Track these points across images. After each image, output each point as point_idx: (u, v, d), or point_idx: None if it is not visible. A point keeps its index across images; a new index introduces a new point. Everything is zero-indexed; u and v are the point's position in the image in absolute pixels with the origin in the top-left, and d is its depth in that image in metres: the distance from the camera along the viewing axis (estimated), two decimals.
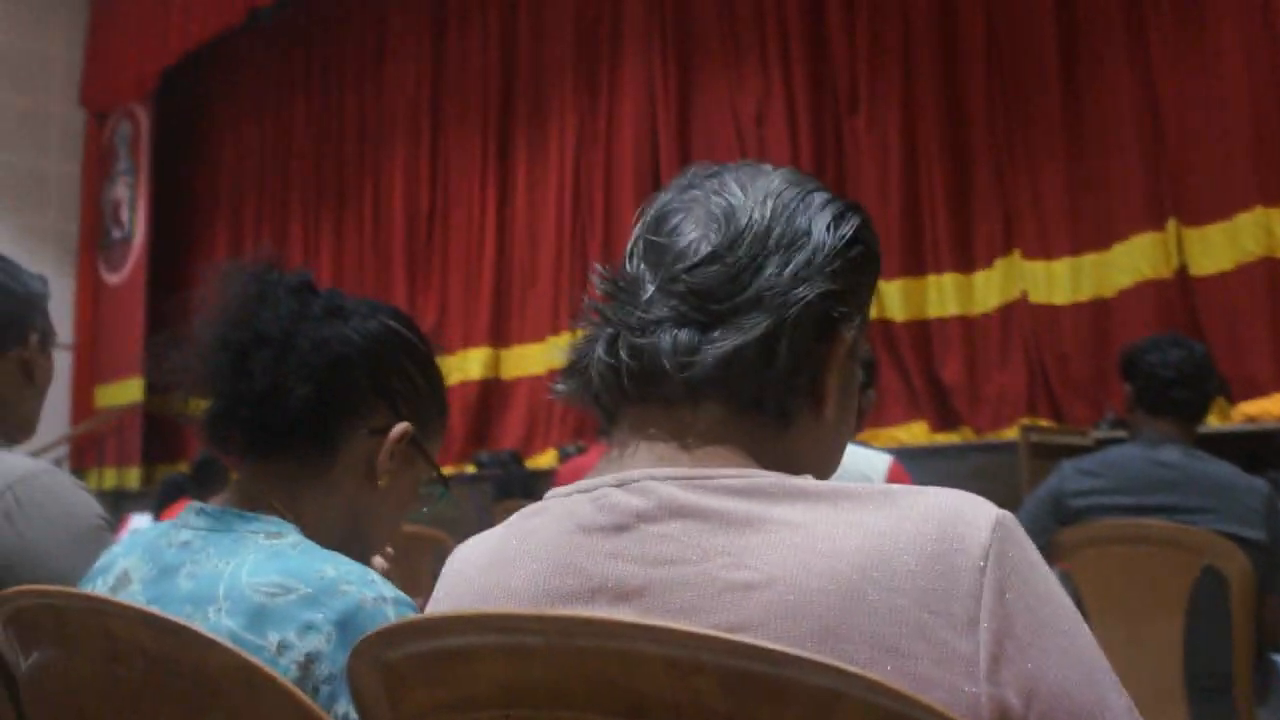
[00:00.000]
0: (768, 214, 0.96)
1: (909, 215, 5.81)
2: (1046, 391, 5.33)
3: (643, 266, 0.97)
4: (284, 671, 1.17)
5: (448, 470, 7.27)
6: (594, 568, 0.87)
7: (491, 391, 7.59)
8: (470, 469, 7.20)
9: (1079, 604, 2.86)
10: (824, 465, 1.02)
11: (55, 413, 9.52)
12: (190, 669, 1.09)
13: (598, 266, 1.01)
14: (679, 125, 6.71)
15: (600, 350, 0.96)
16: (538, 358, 7.31)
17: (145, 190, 9.63)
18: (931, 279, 5.73)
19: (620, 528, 0.88)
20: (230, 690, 1.07)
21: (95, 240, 10.03)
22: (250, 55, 9.52)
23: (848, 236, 0.98)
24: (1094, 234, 5.21)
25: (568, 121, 7.40)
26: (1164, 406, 2.93)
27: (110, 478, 9.41)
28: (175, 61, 8.99)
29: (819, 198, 1.00)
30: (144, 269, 9.49)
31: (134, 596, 1.31)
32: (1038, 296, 5.35)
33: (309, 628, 1.20)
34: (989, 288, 5.58)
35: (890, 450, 3.88)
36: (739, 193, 0.98)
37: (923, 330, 5.76)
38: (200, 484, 5.31)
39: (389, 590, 1.24)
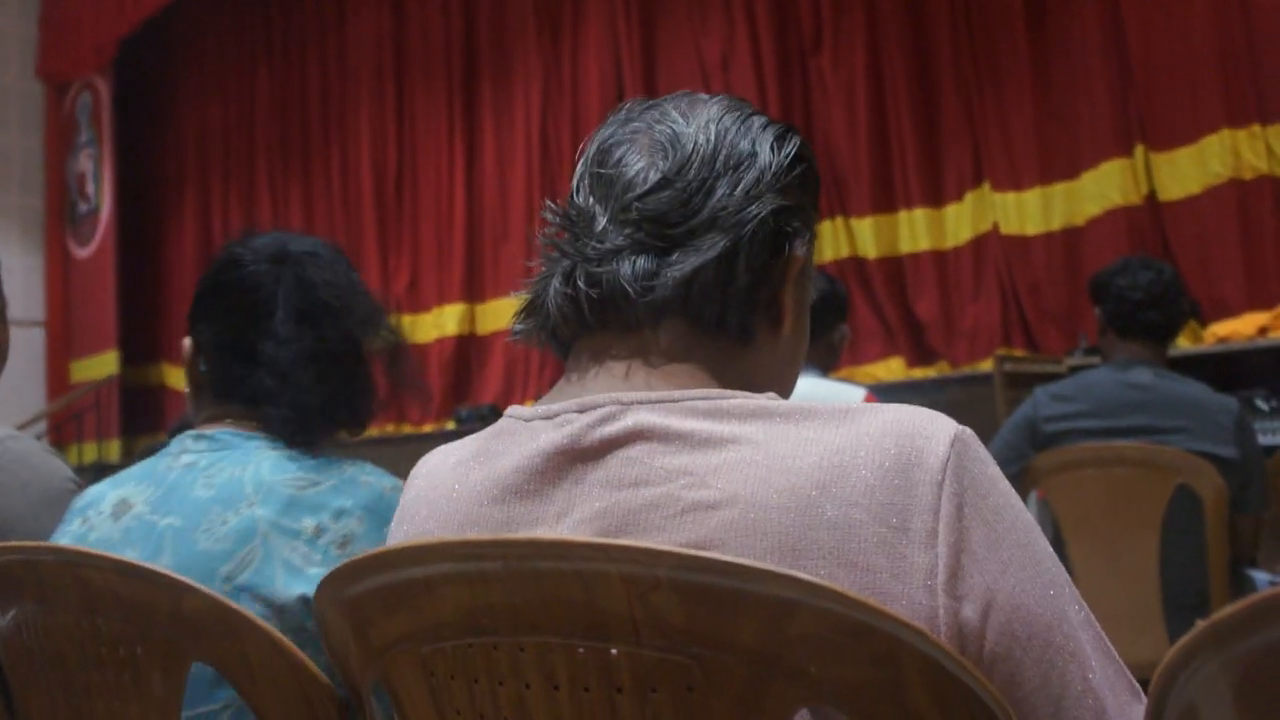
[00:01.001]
0: (712, 137, 0.97)
1: (878, 152, 5.80)
2: (1021, 322, 5.35)
3: (592, 200, 0.98)
4: (322, 553, 1.34)
5: (429, 427, 7.32)
6: (558, 493, 0.87)
7: (468, 347, 7.58)
8: (450, 425, 7.20)
9: (1056, 528, 2.89)
10: (783, 381, 1.02)
11: (32, 389, 9.47)
12: (167, 614, 1.10)
13: (548, 203, 1.01)
14: (644, 73, 6.66)
15: (557, 283, 0.97)
16: (513, 311, 7.28)
17: (110, 161, 9.52)
18: (903, 215, 5.73)
19: (583, 451, 0.87)
20: (208, 632, 1.08)
21: (62, 214, 9.92)
22: (210, 20, 9.39)
23: (791, 154, 1.01)
24: (1063, 163, 5.22)
25: (533, 74, 7.34)
26: (1134, 329, 2.95)
27: (90, 451, 9.37)
28: (133, 30, 8.86)
29: (758, 120, 1.01)
30: (113, 241, 9.40)
31: (139, 517, 1.39)
32: (1009, 228, 5.35)
33: (341, 513, 1.37)
34: (960, 221, 5.58)
35: (869, 386, 3.90)
36: (680, 120, 0.98)
37: (896, 266, 5.77)
38: None
39: (398, 482, 1.39)
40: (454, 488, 0.94)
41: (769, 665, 0.70)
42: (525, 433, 0.92)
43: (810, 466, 0.81)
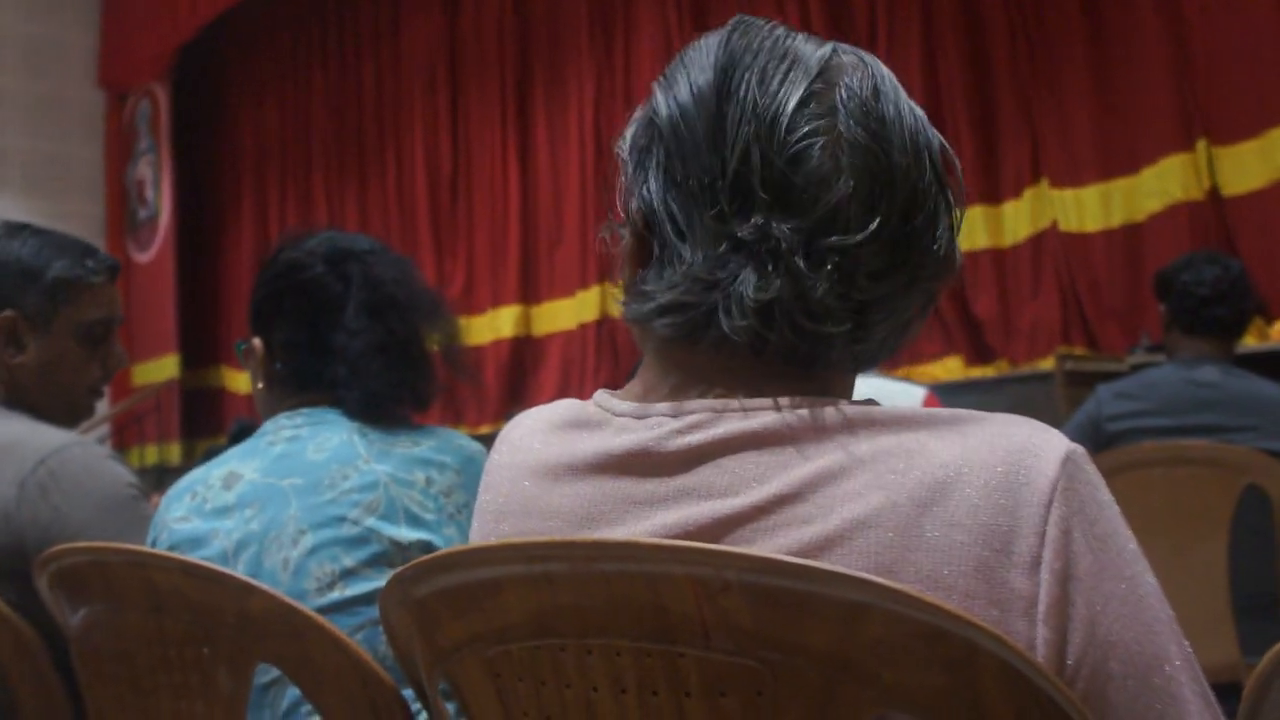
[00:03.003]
0: (911, 150, 0.84)
1: None
2: (1081, 320, 5.28)
3: (772, 219, 0.81)
4: (434, 500, 1.53)
5: (485, 429, 7.35)
6: (640, 494, 0.83)
7: (524, 349, 7.60)
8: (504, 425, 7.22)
9: None
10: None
11: None
12: (233, 615, 1.11)
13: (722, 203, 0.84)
14: None
15: (744, 309, 0.81)
16: (568, 313, 7.30)
17: (168, 168, 9.65)
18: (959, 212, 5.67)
19: (671, 455, 0.83)
20: (273, 633, 1.09)
21: (122, 221, 10.07)
22: (265, 26, 9.50)
23: (940, 150, 0.89)
24: (1122, 159, 5.13)
25: (586, 76, 7.34)
26: (1200, 325, 2.89)
27: (152, 454, 9.50)
28: (190, 37, 8.98)
29: (913, 113, 0.88)
30: (172, 246, 9.53)
31: (253, 483, 1.53)
32: (1068, 225, 5.28)
33: (444, 467, 1.56)
34: (1018, 218, 5.51)
35: (929, 386, 3.87)
36: (882, 113, 0.84)
37: None
38: None
39: (481, 448, 1.58)
40: (537, 467, 0.90)
41: (840, 670, 0.69)
42: (614, 426, 0.87)
43: (913, 483, 0.76)
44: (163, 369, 9.48)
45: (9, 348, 1.79)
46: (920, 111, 0.89)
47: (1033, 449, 0.77)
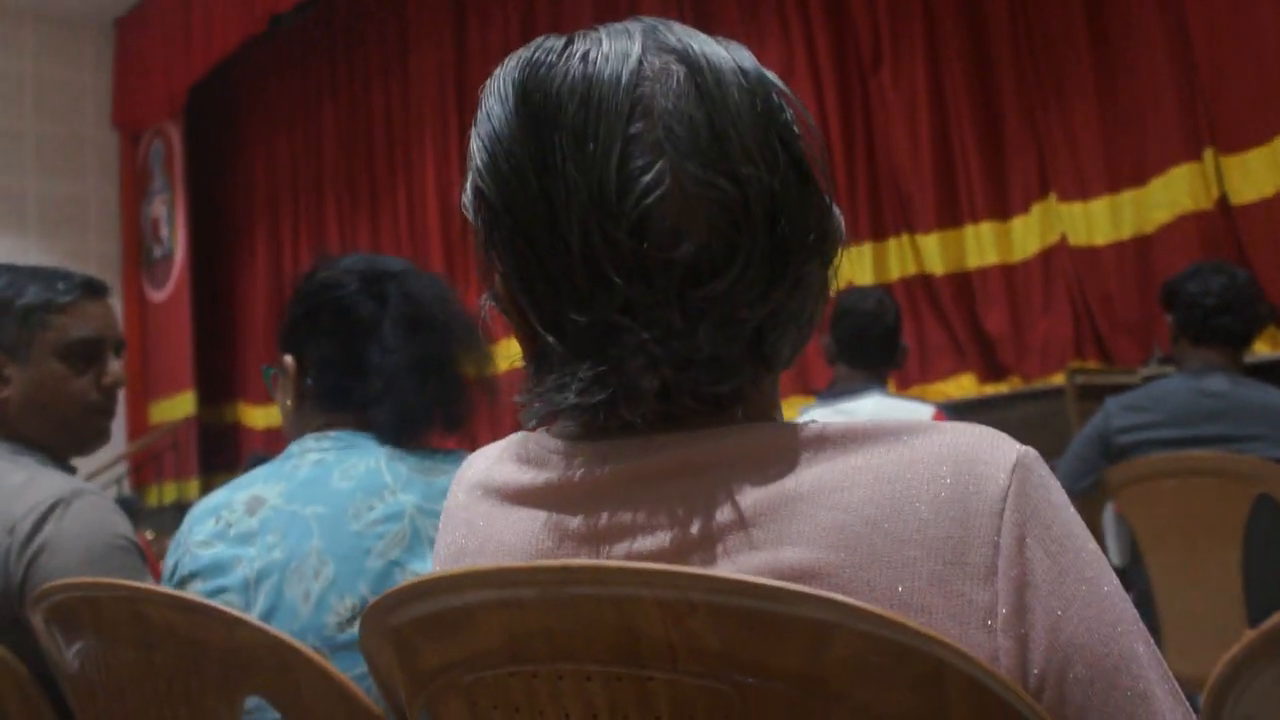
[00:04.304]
0: (759, 156, 0.79)
1: (941, 167, 5.75)
2: (1093, 334, 5.26)
3: (619, 283, 0.77)
4: None
5: None
6: (586, 531, 0.82)
7: None
8: None
9: (1133, 542, 2.83)
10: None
11: (113, 431, 9.64)
12: (221, 648, 1.11)
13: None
14: None
15: (640, 398, 0.80)
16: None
17: (182, 206, 9.74)
18: (969, 229, 5.67)
19: (616, 488, 0.81)
20: (261, 665, 1.09)
21: (137, 259, 10.16)
22: (275, 63, 9.59)
23: (783, 115, 0.82)
24: (1130, 170, 5.13)
25: None
26: (1208, 335, 2.88)
27: (170, 491, 9.54)
28: (202, 77, 9.07)
29: (759, 79, 0.83)
30: (187, 283, 9.61)
31: (277, 509, 1.51)
32: (1077, 239, 5.27)
33: None
34: (1027, 233, 5.51)
35: (939, 404, 3.85)
36: (719, 121, 0.78)
37: (964, 281, 5.70)
38: None
39: None
40: (489, 500, 0.90)
41: (810, 690, 0.68)
42: (555, 460, 0.86)
43: (859, 501, 0.75)
44: (179, 406, 9.53)
45: None
46: (754, 68, 0.83)
47: (981, 457, 0.76)
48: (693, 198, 0.76)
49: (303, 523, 1.49)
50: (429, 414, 1.60)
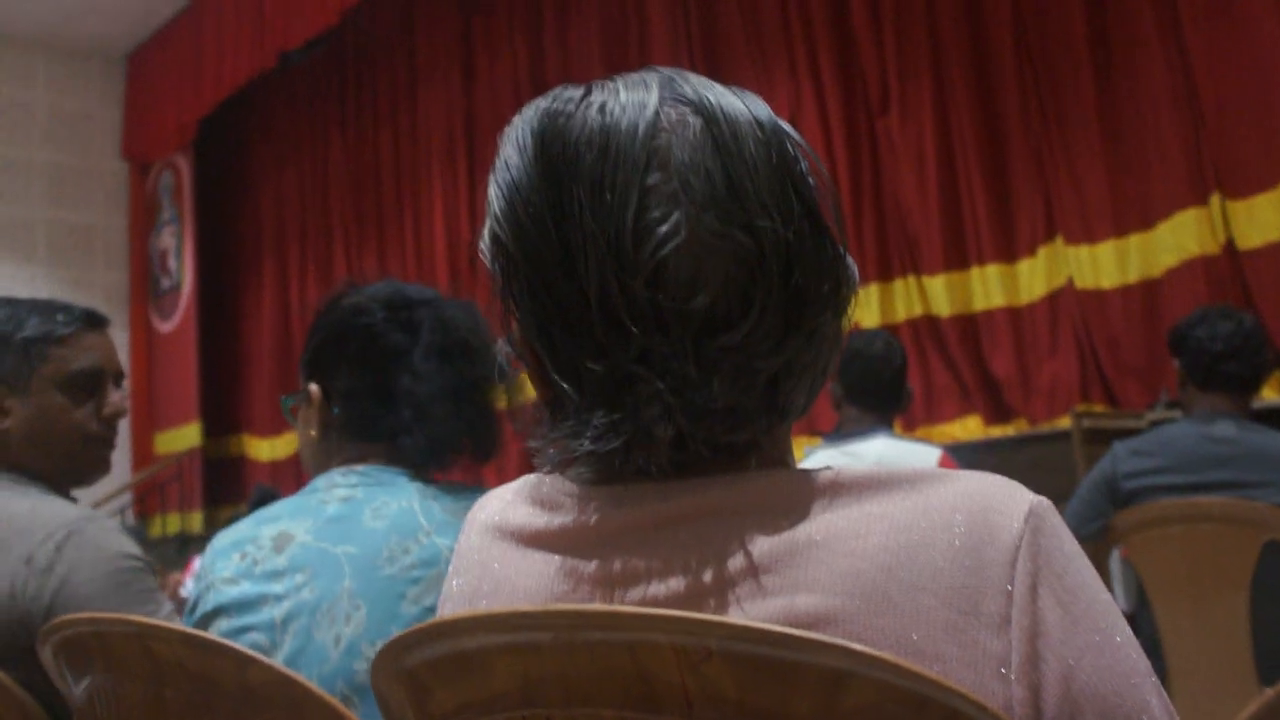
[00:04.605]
0: (775, 209, 0.79)
1: (948, 209, 5.76)
2: (1099, 377, 5.25)
3: (636, 332, 0.78)
4: None
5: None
6: (601, 575, 0.83)
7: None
8: None
9: (1140, 588, 2.82)
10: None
11: (118, 461, 9.65)
12: (232, 687, 1.10)
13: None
14: None
15: (655, 447, 0.80)
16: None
17: (190, 238, 9.78)
18: (975, 271, 5.67)
19: (631, 533, 0.82)
20: (272, 703, 1.09)
21: (145, 290, 10.19)
22: (284, 97, 9.65)
23: (794, 170, 0.82)
24: (1136, 214, 5.14)
25: None
26: (1215, 380, 2.88)
27: (174, 523, 9.53)
28: (212, 110, 9.13)
29: (775, 132, 0.83)
30: (194, 315, 9.64)
31: (306, 546, 1.48)
32: (1084, 282, 5.27)
33: None
34: (1034, 276, 5.51)
35: (945, 447, 3.85)
36: (736, 172, 0.79)
37: (970, 324, 5.70)
38: None
39: None
40: (504, 543, 0.90)
41: None
42: (570, 504, 0.87)
43: (874, 548, 0.75)
44: (184, 437, 9.53)
45: None
46: (769, 119, 0.83)
47: (995, 506, 0.76)
48: (709, 249, 0.77)
49: (334, 562, 1.46)
50: (459, 443, 1.58)
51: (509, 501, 0.93)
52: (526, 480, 0.93)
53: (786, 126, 0.85)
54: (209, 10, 8.94)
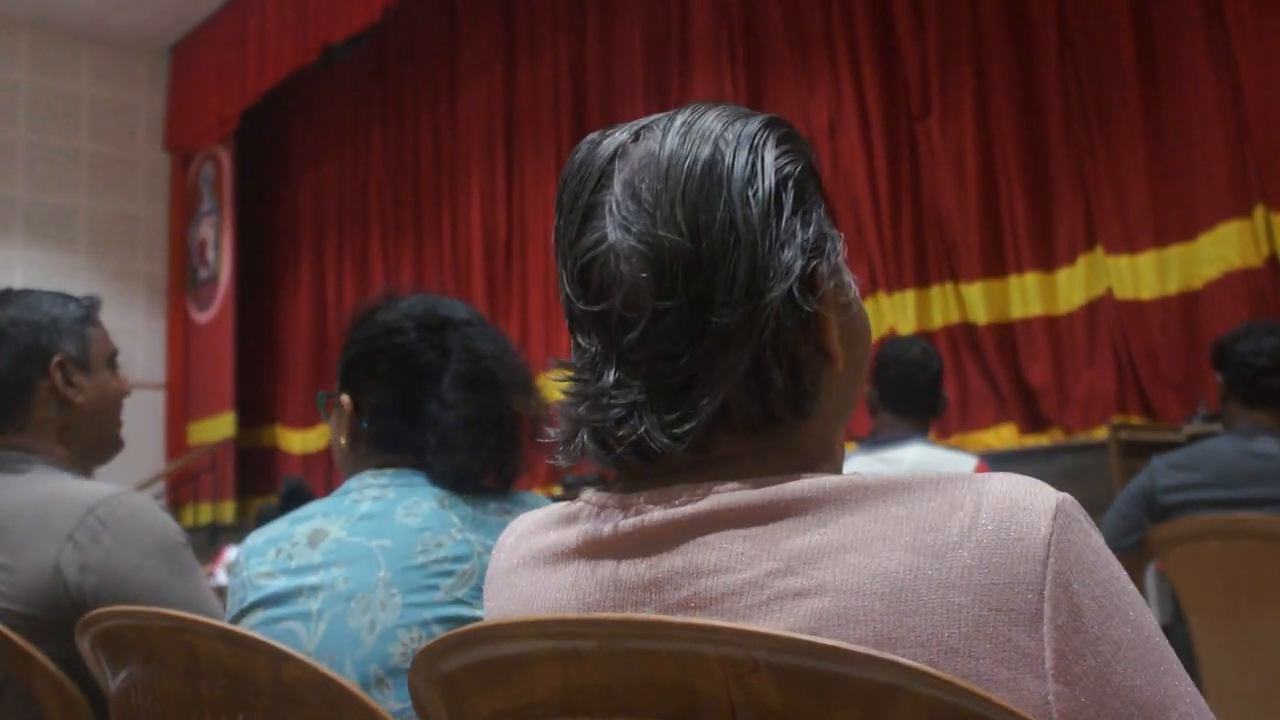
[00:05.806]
0: (687, 223, 0.82)
1: (988, 216, 5.72)
2: (1137, 388, 5.21)
3: (594, 340, 0.88)
4: None
5: (538, 492, 7.35)
6: (634, 580, 0.83)
7: None
8: (557, 491, 7.23)
9: (1176, 603, 2.79)
10: (846, 409, 0.94)
11: (151, 450, 9.74)
12: (268, 683, 1.10)
13: (552, 362, 0.94)
14: None
15: (588, 443, 0.87)
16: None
17: (229, 229, 9.84)
18: (1013, 279, 5.63)
19: (659, 538, 0.83)
20: (309, 702, 1.09)
21: (183, 280, 10.26)
22: (326, 91, 9.70)
23: (778, 173, 0.85)
24: (1178, 225, 5.08)
25: None
26: (1258, 396, 2.85)
27: (206, 513, 9.59)
28: (254, 102, 9.18)
29: (733, 158, 0.85)
30: (231, 306, 9.69)
31: (341, 541, 1.52)
32: (1123, 292, 5.22)
33: None
34: (1073, 285, 5.46)
35: (981, 455, 3.82)
36: (647, 209, 0.84)
37: (1007, 332, 5.66)
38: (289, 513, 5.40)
39: None
40: (531, 565, 0.92)
41: None
42: (598, 515, 0.88)
43: (903, 548, 0.76)
44: (219, 428, 9.59)
45: (69, 389, 1.83)
46: (743, 136, 0.86)
47: (1022, 504, 0.77)
48: (621, 258, 0.84)
49: (369, 555, 1.50)
50: (482, 471, 1.61)
51: (536, 525, 0.96)
52: (554, 507, 0.96)
53: (769, 147, 0.87)
54: (253, 3, 9.00)
